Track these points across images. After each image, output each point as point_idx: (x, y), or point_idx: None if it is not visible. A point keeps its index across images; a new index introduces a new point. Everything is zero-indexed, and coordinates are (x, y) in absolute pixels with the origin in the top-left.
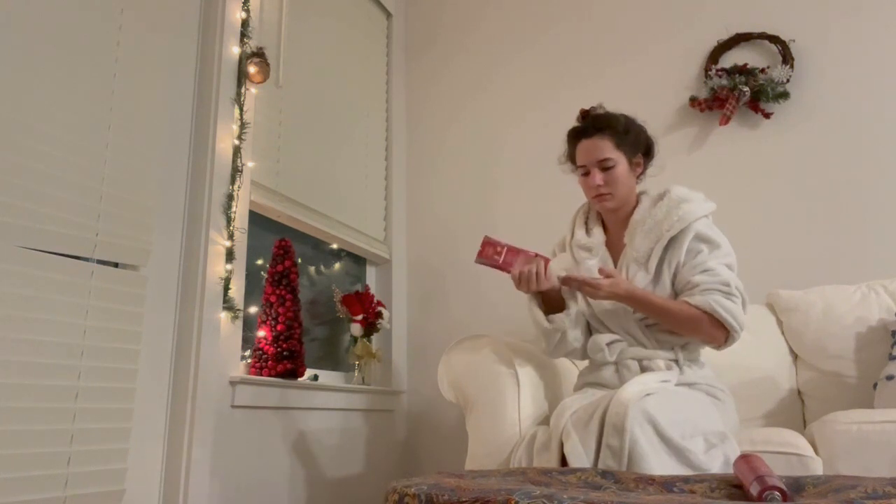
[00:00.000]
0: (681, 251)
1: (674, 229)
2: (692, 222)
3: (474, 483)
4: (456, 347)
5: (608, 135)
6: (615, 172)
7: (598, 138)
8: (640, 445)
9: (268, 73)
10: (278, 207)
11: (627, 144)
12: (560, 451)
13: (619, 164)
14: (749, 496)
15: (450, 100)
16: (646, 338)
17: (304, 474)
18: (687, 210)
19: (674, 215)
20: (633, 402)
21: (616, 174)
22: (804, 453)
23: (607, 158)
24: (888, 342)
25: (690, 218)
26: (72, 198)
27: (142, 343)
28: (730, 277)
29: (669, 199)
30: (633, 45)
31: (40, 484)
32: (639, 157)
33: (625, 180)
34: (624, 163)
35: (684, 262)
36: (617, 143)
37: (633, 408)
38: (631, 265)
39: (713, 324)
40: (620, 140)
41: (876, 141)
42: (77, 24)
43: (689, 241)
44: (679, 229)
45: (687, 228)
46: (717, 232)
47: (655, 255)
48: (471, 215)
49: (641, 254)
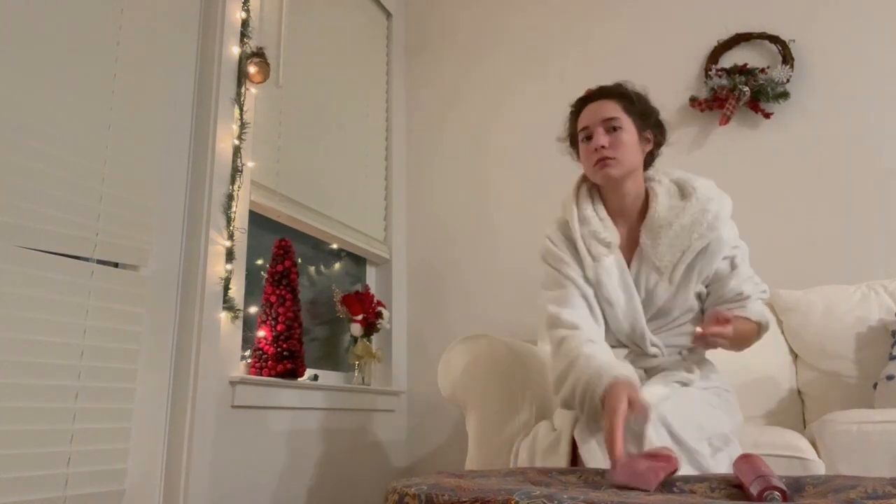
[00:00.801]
0: (713, 261)
1: (704, 238)
2: (722, 230)
3: (474, 483)
4: (456, 347)
5: (616, 99)
6: (622, 136)
7: (606, 101)
8: (654, 447)
9: (268, 73)
10: (278, 207)
11: (637, 114)
12: (569, 451)
13: (627, 129)
14: (749, 496)
15: (450, 100)
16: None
17: (304, 474)
18: (715, 214)
19: (703, 221)
20: (653, 408)
21: (623, 137)
22: (806, 456)
23: (614, 118)
24: (888, 342)
25: (720, 225)
26: (72, 198)
27: (142, 343)
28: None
29: (697, 200)
30: (633, 45)
31: (40, 484)
32: (649, 132)
33: (632, 149)
34: (633, 130)
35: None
36: (626, 108)
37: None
38: (651, 274)
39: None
40: (630, 106)
41: (876, 141)
42: (77, 24)
43: (725, 250)
44: (710, 238)
45: (718, 238)
46: (735, 228)
47: (682, 265)
48: (471, 215)
49: (665, 263)
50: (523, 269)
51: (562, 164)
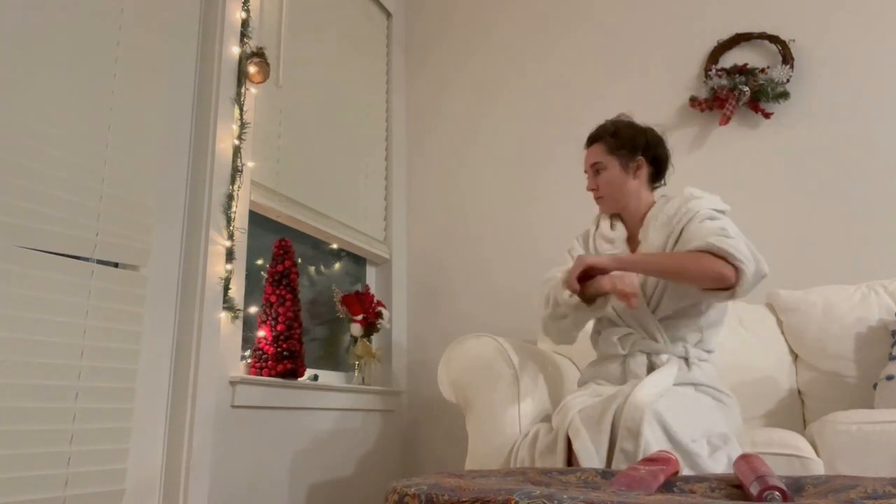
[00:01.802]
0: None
1: (684, 220)
2: (700, 210)
3: (474, 483)
4: (456, 347)
5: (600, 142)
6: (604, 175)
7: (593, 147)
8: (650, 447)
9: (268, 73)
10: (278, 207)
11: (620, 148)
12: (566, 449)
13: (610, 167)
14: (749, 496)
15: (450, 99)
16: (658, 332)
17: (304, 474)
18: (697, 204)
19: (684, 209)
20: (649, 406)
21: (605, 177)
22: (806, 455)
23: (596, 162)
24: (888, 342)
25: (700, 207)
26: (72, 198)
27: (142, 343)
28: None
29: (682, 195)
30: (633, 46)
31: (40, 484)
32: (638, 160)
33: (614, 182)
34: (615, 166)
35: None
36: (608, 149)
37: (648, 412)
38: None
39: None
40: (610, 145)
41: (876, 140)
42: (77, 24)
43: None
44: (689, 218)
45: (696, 216)
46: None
47: (668, 248)
48: (471, 215)
49: (655, 247)
50: (524, 268)
51: (561, 164)
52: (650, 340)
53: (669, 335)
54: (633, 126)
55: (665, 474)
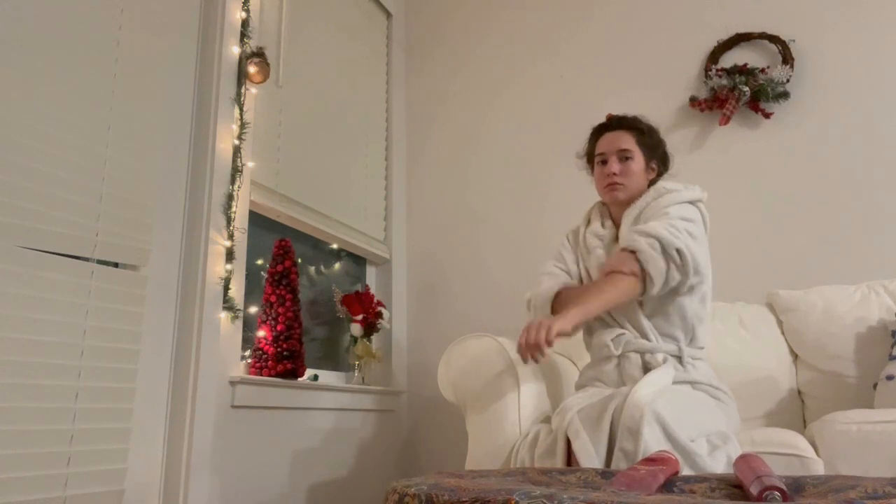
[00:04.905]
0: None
1: (656, 216)
2: (671, 204)
3: (474, 483)
4: (456, 347)
5: (633, 131)
6: (631, 165)
7: (623, 133)
8: (650, 446)
9: (268, 73)
10: (278, 207)
11: (647, 146)
12: (565, 449)
13: (637, 159)
14: (749, 496)
15: (450, 99)
16: (650, 331)
17: (305, 474)
18: (670, 198)
19: (655, 203)
20: (648, 405)
21: (632, 167)
22: (805, 455)
23: (627, 149)
24: (888, 342)
25: (670, 202)
26: (72, 198)
27: (142, 343)
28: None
29: (656, 189)
30: (633, 45)
31: (40, 484)
32: (654, 163)
33: (638, 176)
34: (641, 160)
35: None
36: (638, 141)
37: (648, 411)
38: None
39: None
40: (642, 139)
41: (876, 141)
42: (77, 24)
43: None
44: (651, 214)
45: (654, 214)
46: (693, 212)
47: None
48: (471, 215)
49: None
50: (524, 268)
51: (561, 164)
52: (643, 340)
53: (661, 333)
54: (657, 130)
55: (665, 474)
